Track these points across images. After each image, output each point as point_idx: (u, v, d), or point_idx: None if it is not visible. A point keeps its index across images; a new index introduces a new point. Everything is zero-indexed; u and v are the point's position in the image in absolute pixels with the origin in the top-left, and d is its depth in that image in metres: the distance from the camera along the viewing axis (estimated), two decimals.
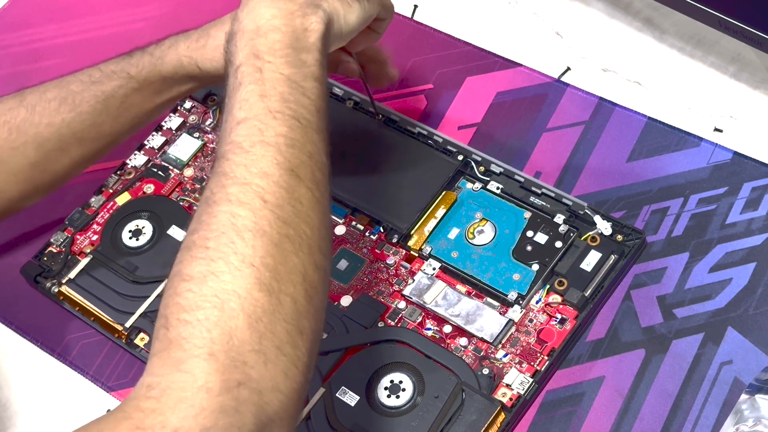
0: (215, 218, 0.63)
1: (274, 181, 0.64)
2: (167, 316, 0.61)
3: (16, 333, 0.90)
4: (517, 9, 1.00)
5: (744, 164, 0.86)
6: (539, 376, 0.79)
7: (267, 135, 0.65)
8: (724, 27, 0.85)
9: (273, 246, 0.62)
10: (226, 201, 0.63)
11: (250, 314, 0.60)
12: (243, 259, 0.61)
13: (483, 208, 0.87)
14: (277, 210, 0.63)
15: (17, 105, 0.83)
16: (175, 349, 0.59)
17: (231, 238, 0.61)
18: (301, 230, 0.63)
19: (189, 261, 0.62)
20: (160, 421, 0.57)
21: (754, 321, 0.79)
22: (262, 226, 0.62)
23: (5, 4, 1.12)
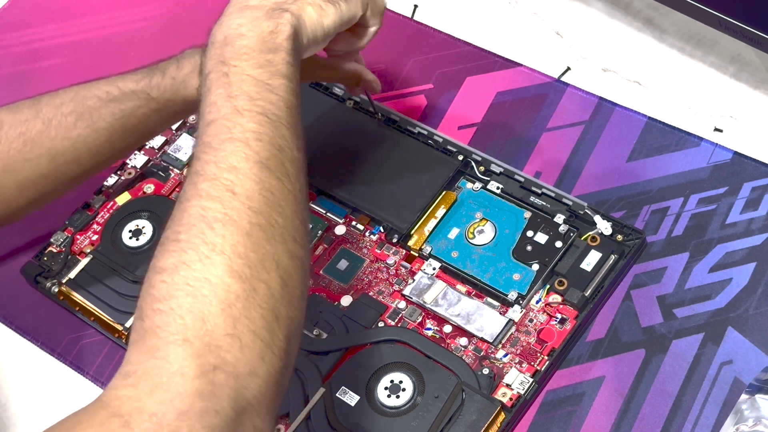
0: (186, 213, 0.63)
1: (243, 174, 0.64)
2: (143, 307, 0.62)
3: (16, 333, 0.90)
4: (517, 9, 1.00)
5: (744, 164, 0.86)
6: (539, 376, 0.79)
7: (235, 132, 0.66)
8: (724, 27, 0.85)
9: (243, 235, 0.62)
10: (197, 196, 0.64)
11: (222, 300, 0.60)
12: (213, 248, 0.61)
13: (483, 208, 0.87)
14: (247, 201, 0.63)
15: (33, 117, 0.82)
16: (150, 338, 0.60)
17: (201, 229, 0.62)
18: (272, 219, 0.64)
19: (162, 254, 0.62)
20: (136, 407, 0.57)
21: (754, 321, 0.79)
22: (232, 216, 0.62)
23: (5, 4, 1.12)
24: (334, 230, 0.89)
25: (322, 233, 0.88)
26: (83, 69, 1.05)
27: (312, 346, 0.82)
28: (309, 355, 0.82)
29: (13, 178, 0.82)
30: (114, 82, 0.83)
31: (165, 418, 0.57)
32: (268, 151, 0.66)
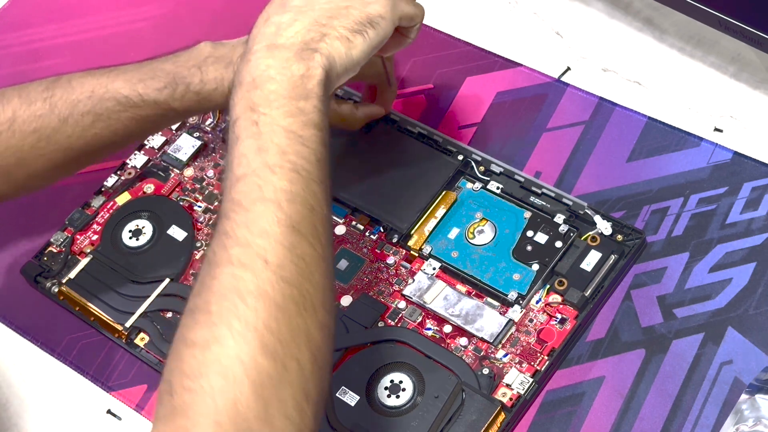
0: (217, 281, 0.62)
1: (276, 239, 0.62)
2: (171, 381, 0.60)
3: (16, 333, 0.90)
4: (517, 9, 1.00)
5: (744, 164, 0.86)
6: (539, 376, 0.79)
7: (266, 191, 0.64)
8: (724, 27, 0.85)
9: (276, 308, 0.61)
10: (228, 263, 0.62)
11: (254, 381, 0.59)
12: (246, 324, 0.60)
13: (483, 208, 0.87)
14: (280, 270, 0.62)
15: (48, 112, 0.81)
16: (180, 417, 0.58)
17: (233, 301, 0.60)
18: (304, 289, 0.62)
19: (192, 326, 0.61)
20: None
21: (754, 321, 0.79)
22: (265, 288, 0.61)
23: (5, 4, 1.12)
24: (334, 230, 0.89)
25: None
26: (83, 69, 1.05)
27: None
28: None
29: (26, 170, 0.82)
30: (134, 87, 0.81)
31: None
32: (300, 213, 0.64)
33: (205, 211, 0.92)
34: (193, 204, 0.92)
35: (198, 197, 0.93)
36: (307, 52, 0.69)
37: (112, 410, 0.85)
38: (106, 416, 0.85)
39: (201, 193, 0.93)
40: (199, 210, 0.92)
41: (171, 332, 0.85)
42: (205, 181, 0.93)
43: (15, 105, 0.81)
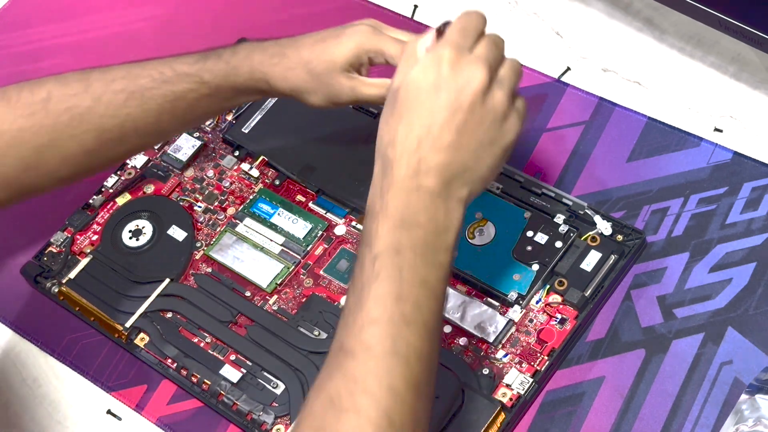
0: (343, 427, 0.62)
1: (401, 400, 0.63)
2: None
3: (16, 333, 0.90)
4: (517, 9, 1.00)
5: (744, 164, 0.86)
6: (539, 376, 0.79)
7: (399, 345, 0.64)
8: (724, 27, 0.85)
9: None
10: (355, 411, 0.63)
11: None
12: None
13: (483, 208, 0.87)
14: (400, 431, 0.63)
15: (82, 91, 0.81)
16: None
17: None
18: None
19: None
20: None
21: (754, 321, 0.79)
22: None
23: (5, 4, 1.12)
24: (334, 230, 0.89)
25: (322, 233, 0.88)
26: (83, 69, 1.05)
27: (312, 346, 0.82)
28: (309, 355, 0.82)
29: (58, 152, 0.81)
30: (168, 63, 0.82)
31: None
32: (424, 372, 0.65)
33: (205, 211, 0.92)
34: (193, 204, 0.92)
35: (198, 197, 0.93)
36: (453, 202, 0.68)
37: (112, 410, 0.85)
38: (106, 416, 0.85)
39: (201, 193, 0.93)
40: (199, 210, 0.92)
41: (171, 332, 0.85)
42: (205, 181, 0.94)
43: (50, 86, 0.81)
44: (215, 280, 0.88)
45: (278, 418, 0.80)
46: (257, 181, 0.93)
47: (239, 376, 0.83)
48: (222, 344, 0.85)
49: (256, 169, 0.93)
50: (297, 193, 0.92)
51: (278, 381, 0.82)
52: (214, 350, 0.85)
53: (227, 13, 1.06)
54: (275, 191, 0.92)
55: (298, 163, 0.92)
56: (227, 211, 0.91)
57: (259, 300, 0.86)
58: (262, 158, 0.94)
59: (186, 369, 0.84)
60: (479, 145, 0.69)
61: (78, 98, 0.81)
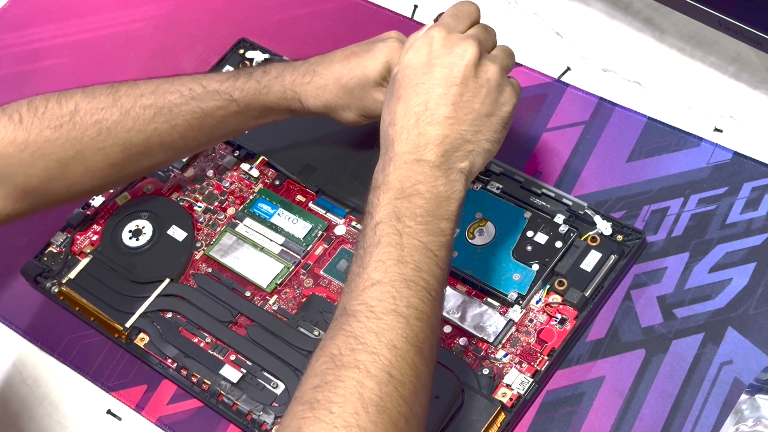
0: (342, 383, 0.63)
1: (402, 356, 0.64)
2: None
3: (16, 333, 0.90)
4: (517, 9, 1.00)
5: (744, 164, 0.86)
6: (539, 376, 0.79)
7: (400, 305, 0.66)
8: (724, 27, 0.85)
9: (392, 424, 0.63)
10: (355, 368, 0.64)
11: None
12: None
13: (483, 208, 0.87)
14: (401, 387, 0.64)
15: (110, 105, 0.81)
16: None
17: (356, 408, 0.62)
18: (414, 410, 0.64)
19: (312, 420, 0.62)
20: None
21: (754, 321, 0.79)
22: (386, 402, 0.63)
23: (5, 4, 1.12)
24: (334, 230, 0.89)
25: (322, 233, 0.88)
26: (83, 69, 1.05)
27: (312, 346, 0.82)
28: (309, 355, 0.82)
29: (83, 164, 0.82)
30: (198, 79, 0.82)
31: None
32: (425, 333, 0.66)
33: (205, 211, 0.92)
34: (193, 204, 0.92)
35: (198, 197, 0.93)
36: (454, 172, 0.71)
37: (112, 410, 0.85)
38: (106, 416, 0.85)
39: (201, 193, 0.93)
40: (199, 210, 0.92)
41: (171, 332, 0.85)
42: (205, 181, 0.94)
43: (78, 98, 0.81)
44: (215, 280, 0.88)
45: (278, 418, 0.80)
46: (257, 181, 0.93)
47: (239, 376, 0.83)
48: (222, 344, 0.85)
49: (256, 169, 0.93)
50: (297, 193, 0.92)
51: (278, 381, 0.82)
52: (214, 350, 0.85)
53: (227, 13, 1.06)
54: (275, 191, 0.92)
55: (298, 163, 0.92)
56: (227, 211, 0.91)
57: (259, 300, 0.86)
58: (262, 158, 0.94)
59: (186, 369, 0.84)
60: (476, 117, 0.72)
61: (106, 112, 0.81)
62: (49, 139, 0.80)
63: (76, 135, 0.81)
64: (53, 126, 0.80)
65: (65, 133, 0.80)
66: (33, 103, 0.81)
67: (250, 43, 1.01)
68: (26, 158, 0.80)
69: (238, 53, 1.00)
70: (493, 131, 0.73)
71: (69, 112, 0.81)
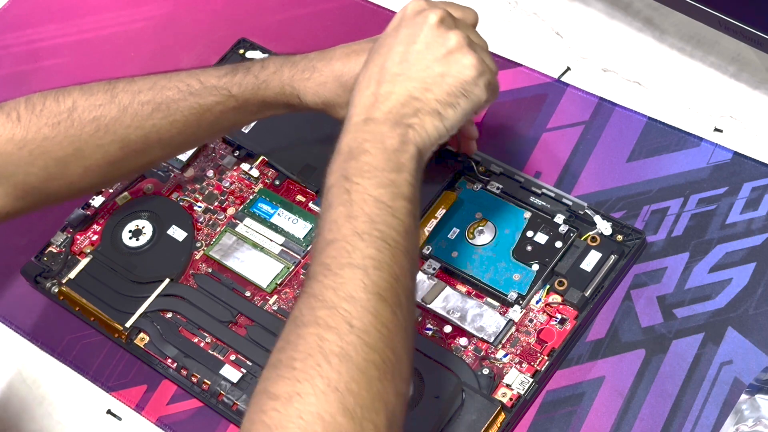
0: (303, 340, 0.63)
1: (362, 305, 0.64)
2: (251, 431, 0.61)
3: (16, 333, 0.90)
4: (517, 9, 1.00)
5: (744, 164, 0.86)
6: (539, 376, 0.79)
7: (355, 257, 0.66)
8: (724, 27, 0.85)
9: (358, 371, 0.62)
10: (315, 324, 0.64)
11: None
12: (328, 383, 0.61)
13: (483, 208, 0.87)
14: (364, 335, 0.63)
15: (108, 101, 0.81)
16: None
17: (318, 360, 0.62)
18: (385, 356, 0.64)
19: (275, 379, 0.62)
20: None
21: (754, 321, 0.79)
22: (348, 351, 0.62)
23: (5, 4, 1.12)
24: None
25: None
26: (83, 69, 1.05)
27: None
28: None
29: (82, 162, 0.81)
30: (196, 75, 0.82)
31: None
32: (386, 281, 0.66)
33: (205, 211, 0.92)
34: (193, 204, 0.92)
35: (198, 197, 0.93)
36: (401, 127, 0.71)
37: (112, 410, 0.85)
38: (106, 416, 0.85)
39: (201, 193, 0.93)
40: (199, 210, 0.92)
41: (171, 332, 0.85)
42: (205, 181, 0.94)
43: (76, 96, 0.81)
44: (215, 280, 0.88)
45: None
46: (257, 181, 0.93)
47: (239, 376, 0.83)
48: (222, 344, 0.85)
49: (256, 169, 0.93)
50: (297, 193, 0.92)
51: None
52: (214, 350, 0.85)
53: (227, 13, 1.06)
54: (275, 191, 0.92)
55: (298, 163, 0.92)
56: (227, 211, 0.91)
57: (259, 300, 0.86)
58: (262, 158, 0.94)
59: (186, 369, 0.84)
60: (427, 74, 0.72)
61: (104, 108, 0.81)
62: (48, 137, 0.80)
63: (74, 132, 0.80)
64: (51, 123, 0.80)
65: (63, 131, 0.80)
66: (31, 101, 0.81)
67: (250, 43, 1.01)
68: (25, 156, 0.80)
69: (238, 53, 1.00)
70: (446, 93, 0.73)
71: (67, 109, 0.80)
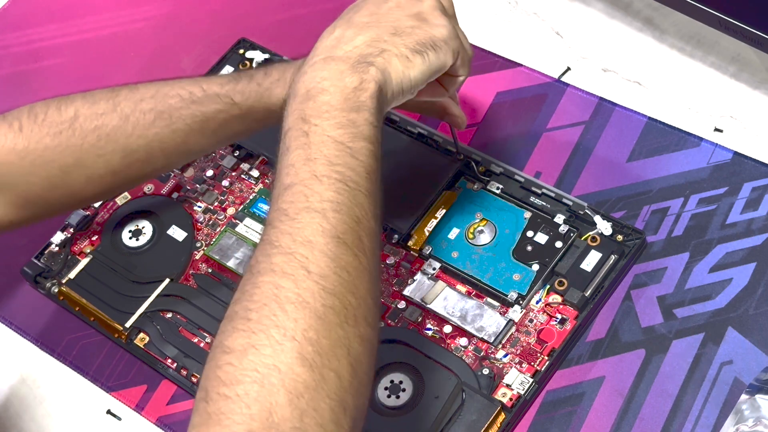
0: (258, 289, 0.61)
1: (319, 249, 0.62)
2: (207, 389, 0.59)
3: (16, 333, 0.90)
4: (517, 9, 1.00)
5: (744, 164, 0.86)
6: (539, 376, 0.79)
7: (312, 201, 0.64)
8: (724, 27, 0.85)
9: (316, 318, 0.60)
10: (270, 271, 0.61)
11: (290, 390, 0.58)
12: (284, 333, 0.59)
13: (483, 208, 0.87)
14: (322, 280, 0.61)
15: (110, 110, 0.80)
16: (214, 425, 0.58)
17: (273, 310, 0.60)
18: (346, 301, 0.61)
19: (230, 332, 0.60)
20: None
21: (754, 321, 0.79)
22: (305, 297, 0.60)
23: (5, 4, 1.12)
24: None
25: None
26: (83, 69, 1.05)
27: None
28: None
29: (84, 172, 0.81)
30: (198, 82, 0.81)
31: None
32: (346, 223, 0.63)
33: (205, 211, 0.92)
34: (193, 204, 0.92)
35: (198, 197, 0.93)
36: (362, 65, 0.68)
37: (112, 410, 0.85)
38: (106, 416, 0.85)
39: (201, 193, 0.93)
40: (199, 210, 0.92)
41: (171, 332, 0.85)
42: (205, 181, 0.94)
43: (78, 105, 0.80)
44: (215, 280, 0.88)
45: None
46: (257, 181, 0.93)
47: None
48: None
49: (256, 169, 0.93)
50: None
51: None
52: None
53: (227, 13, 1.06)
54: None
55: None
56: (227, 211, 0.91)
57: None
58: (262, 158, 0.94)
59: (186, 369, 0.84)
60: (397, 24, 0.71)
61: (106, 117, 0.80)
62: (49, 147, 0.79)
63: (76, 142, 0.80)
64: (53, 133, 0.79)
65: (65, 140, 0.80)
66: (33, 111, 0.80)
67: (250, 43, 1.01)
68: (27, 166, 0.79)
69: (238, 53, 1.00)
70: (415, 41, 0.71)
71: (68, 118, 0.80)
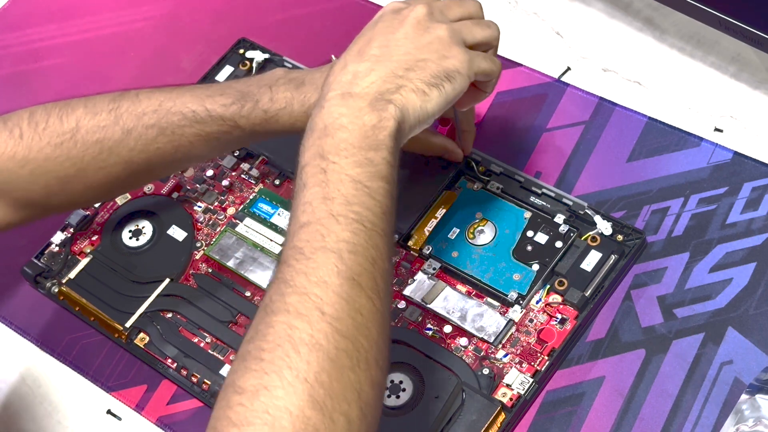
0: (272, 329, 0.61)
1: (334, 291, 0.62)
2: (217, 428, 0.59)
3: (16, 333, 0.90)
4: (517, 9, 1.00)
5: (744, 164, 0.86)
6: (539, 376, 0.79)
7: (329, 241, 0.63)
8: (724, 27, 0.85)
9: (329, 361, 0.60)
10: (284, 311, 0.61)
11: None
12: (297, 375, 0.59)
13: (483, 208, 0.87)
14: (336, 322, 0.61)
15: (112, 123, 0.79)
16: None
17: (286, 351, 0.60)
18: (359, 344, 0.61)
19: (242, 372, 0.60)
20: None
21: (754, 321, 0.79)
22: (319, 339, 0.60)
23: (5, 4, 1.12)
24: None
25: None
26: (83, 69, 1.05)
27: None
28: None
29: (83, 181, 0.80)
30: (202, 101, 0.80)
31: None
32: (361, 265, 0.63)
33: (205, 211, 0.92)
34: (193, 204, 0.92)
35: (198, 197, 0.93)
36: (381, 102, 0.68)
37: (112, 410, 0.85)
38: (106, 416, 0.85)
39: (201, 193, 0.93)
40: (199, 210, 0.92)
41: (171, 332, 0.85)
42: (205, 181, 0.94)
43: (79, 115, 0.80)
44: (215, 280, 0.88)
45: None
46: (257, 181, 0.93)
47: None
48: (222, 344, 0.85)
49: (256, 169, 0.93)
50: None
51: None
52: (214, 350, 0.85)
53: (227, 13, 1.06)
54: (275, 191, 0.92)
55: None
56: (227, 211, 0.91)
57: (259, 300, 0.86)
58: (262, 158, 0.94)
59: (186, 369, 0.84)
60: (410, 57, 0.70)
61: (108, 131, 0.79)
62: (50, 157, 0.79)
63: (77, 154, 0.79)
64: (54, 144, 0.79)
65: (66, 151, 0.79)
66: (34, 118, 0.80)
67: (250, 43, 1.01)
68: (26, 175, 0.79)
69: (238, 53, 1.00)
70: (430, 74, 0.70)
71: (70, 129, 0.79)
